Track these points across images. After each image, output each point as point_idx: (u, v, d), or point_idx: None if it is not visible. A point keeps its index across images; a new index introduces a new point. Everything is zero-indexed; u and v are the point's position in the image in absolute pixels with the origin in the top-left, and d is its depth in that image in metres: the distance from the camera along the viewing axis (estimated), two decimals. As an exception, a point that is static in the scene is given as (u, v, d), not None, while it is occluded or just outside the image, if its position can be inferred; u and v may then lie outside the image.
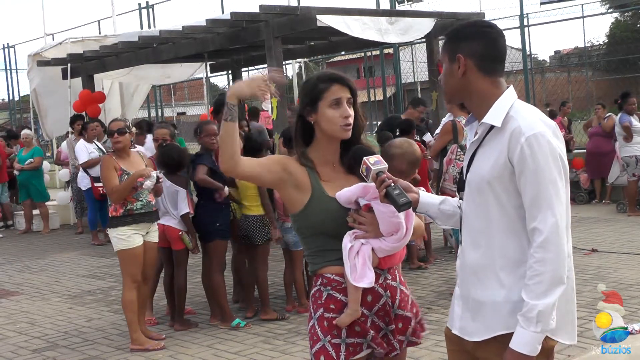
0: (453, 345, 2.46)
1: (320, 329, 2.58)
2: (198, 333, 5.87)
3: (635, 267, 7.11)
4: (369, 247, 2.56)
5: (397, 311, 2.64)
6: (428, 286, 6.84)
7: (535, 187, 2.17)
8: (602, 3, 24.95)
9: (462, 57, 2.31)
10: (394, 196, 2.41)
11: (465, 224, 2.39)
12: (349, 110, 2.62)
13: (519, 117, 2.24)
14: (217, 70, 13.79)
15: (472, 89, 2.33)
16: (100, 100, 12.20)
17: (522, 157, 2.18)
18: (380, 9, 12.93)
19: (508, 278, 2.24)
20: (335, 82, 2.64)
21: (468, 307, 2.34)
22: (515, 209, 2.24)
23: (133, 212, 5.47)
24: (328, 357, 2.54)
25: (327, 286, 2.61)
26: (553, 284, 2.14)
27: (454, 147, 6.48)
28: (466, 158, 2.42)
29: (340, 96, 2.62)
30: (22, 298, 7.65)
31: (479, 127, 2.34)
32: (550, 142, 2.19)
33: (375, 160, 2.51)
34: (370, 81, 19.30)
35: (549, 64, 28.96)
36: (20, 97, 23.63)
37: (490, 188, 2.26)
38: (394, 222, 2.54)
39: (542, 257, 2.15)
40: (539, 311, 2.13)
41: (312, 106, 2.64)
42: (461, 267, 2.41)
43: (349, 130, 2.62)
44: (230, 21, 8.84)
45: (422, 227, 2.74)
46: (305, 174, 2.64)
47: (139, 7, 17.50)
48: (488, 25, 2.38)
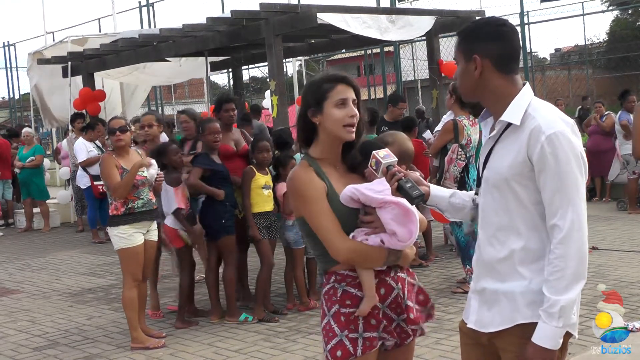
0: (467, 339, 2.47)
1: (337, 324, 2.58)
2: (199, 331, 5.88)
3: (636, 264, 7.11)
4: (378, 240, 2.56)
5: (407, 302, 2.66)
6: (429, 284, 6.85)
7: (557, 184, 2.19)
8: (602, 1, 24.96)
9: (478, 57, 2.31)
10: (407, 189, 2.41)
11: (482, 220, 2.41)
12: (355, 111, 2.63)
13: (538, 116, 2.25)
14: (218, 69, 13.78)
15: (489, 88, 2.34)
16: (101, 98, 12.21)
17: (543, 155, 2.19)
18: (381, 7, 12.94)
19: (528, 271, 2.27)
20: (341, 82, 2.64)
21: (484, 299, 2.36)
22: (533, 205, 2.26)
23: (134, 210, 5.47)
24: (345, 351, 2.55)
25: (342, 282, 2.62)
26: (574, 279, 2.18)
27: (455, 146, 6.48)
28: (482, 154, 2.43)
29: (347, 96, 2.62)
30: (23, 296, 7.65)
31: (496, 124, 2.36)
32: (570, 141, 2.21)
33: (385, 154, 2.50)
34: (370, 79, 19.30)
35: (549, 62, 28.98)
36: (20, 96, 23.64)
37: (508, 185, 2.28)
38: (400, 225, 2.53)
39: (563, 253, 2.18)
40: (561, 307, 2.16)
41: (317, 106, 2.63)
42: (478, 261, 2.43)
43: (353, 132, 2.63)
44: (230, 19, 8.84)
45: (424, 221, 2.74)
46: (322, 181, 2.63)
47: (139, 5, 17.51)
48: (503, 24, 2.38)
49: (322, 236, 2.58)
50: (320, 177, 2.62)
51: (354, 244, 2.56)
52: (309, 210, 2.60)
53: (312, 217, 2.59)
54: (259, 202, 6.10)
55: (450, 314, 5.79)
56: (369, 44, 14.21)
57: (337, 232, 2.56)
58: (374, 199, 2.51)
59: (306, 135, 2.70)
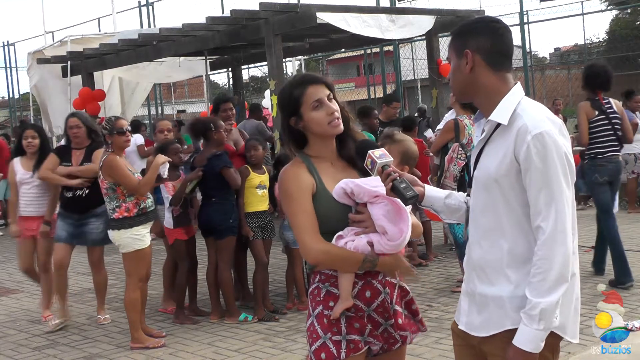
0: (459, 340, 2.47)
1: (320, 326, 2.56)
2: (198, 330, 5.88)
3: (635, 264, 7.11)
4: (365, 240, 2.52)
5: (395, 307, 2.63)
6: (428, 283, 6.85)
7: (540, 185, 2.18)
8: (601, 0, 24.96)
9: (469, 52, 2.31)
10: (401, 189, 2.40)
11: (472, 221, 2.40)
12: (333, 106, 2.60)
13: (525, 115, 2.24)
14: (217, 68, 13.78)
15: (480, 85, 2.33)
16: (100, 98, 12.20)
17: (528, 155, 2.18)
18: (380, 7, 12.94)
19: (515, 275, 2.25)
20: (309, 84, 2.62)
21: (474, 302, 2.35)
22: (522, 207, 2.24)
23: (146, 210, 5.49)
24: (329, 354, 2.52)
25: (326, 282, 2.60)
26: (557, 282, 2.15)
27: (455, 145, 6.48)
28: (473, 155, 2.43)
29: (320, 96, 2.60)
30: (23, 296, 7.65)
31: (485, 124, 2.35)
32: (556, 141, 2.19)
33: (381, 154, 2.49)
34: (370, 79, 19.30)
35: (549, 61, 28.98)
36: (20, 95, 23.63)
37: (497, 185, 2.27)
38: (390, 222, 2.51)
39: (546, 255, 2.16)
40: (541, 309, 2.14)
41: (295, 114, 2.61)
42: (468, 263, 2.42)
43: (340, 125, 2.61)
44: (230, 19, 8.84)
45: (419, 226, 2.72)
46: (312, 177, 2.61)
47: (138, 5, 17.51)
48: (495, 21, 2.38)
49: (296, 234, 2.58)
50: (310, 173, 2.60)
51: (326, 246, 2.53)
52: (289, 207, 2.60)
53: (290, 215, 2.60)
54: (253, 202, 6.11)
55: (450, 314, 5.79)
56: (369, 44, 14.20)
57: (311, 232, 2.53)
58: (368, 190, 2.49)
59: (297, 141, 2.69)
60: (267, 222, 6.23)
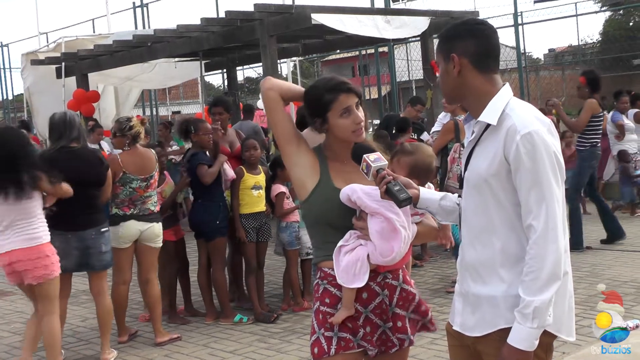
0: (454, 341, 2.48)
1: (316, 321, 2.64)
2: (193, 332, 5.87)
3: (630, 264, 7.13)
4: (365, 250, 2.56)
5: (394, 309, 2.65)
6: (423, 284, 6.85)
7: (530, 184, 2.20)
8: (595, 1, 25.03)
9: (455, 56, 2.33)
10: (395, 192, 2.43)
11: (464, 222, 2.41)
12: (360, 115, 2.64)
13: (514, 115, 2.26)
14: (212, 69, 13.77)
15: (468, 87, 2.35)
16: (95, 99, 12.16)
17: (518, 154, 2.20)
18: (375, 8, 12.94)
19: (508, 274, 2.27)
20: (342, 92, 2.63)
21: (468, 302, 2.37)
22: (513, 206, 2.26)
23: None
24: (320, 349, 2.60)
25: (324, 280, 2.66)
26: (549, 280, 2.17)
27: (456, 145, 6.48)
28: (464, 156, 2.44)
29: (350, 104, 2.62)
30: (17, 298, 7.61)
31: (475, 126, 2.36)
32: (544, 140, 2.21)
33: (376, 158, 2.52)
34: (365, 79, 19.30)
35: (543, 62, 29.04)
36: (14, 96, 23.58)
37: (488, 186, 2.28)
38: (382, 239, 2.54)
39: (538, 253, 2.17)
40: (535, 307, 2.15)
41: (321, 118, 2.64)
42: (461, 263, 2.43)
43: (362, 134, 2.66)
44: (224, 20, 8.83)
45: (432, 232, 2.71)
46: (317, 160, 2.67)
47: (133, 6, 17.48)
48: (480, 23, 2.41)
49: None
50: (319, 163, 2.66)
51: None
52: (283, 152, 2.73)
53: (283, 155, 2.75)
54: (248, 203, 6.10)
55: (445, 314, 5.76)
56: (364, 45, 14.20)
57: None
58: (368, 206, 2.53)
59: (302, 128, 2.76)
60: (263, 224, 6.21)
